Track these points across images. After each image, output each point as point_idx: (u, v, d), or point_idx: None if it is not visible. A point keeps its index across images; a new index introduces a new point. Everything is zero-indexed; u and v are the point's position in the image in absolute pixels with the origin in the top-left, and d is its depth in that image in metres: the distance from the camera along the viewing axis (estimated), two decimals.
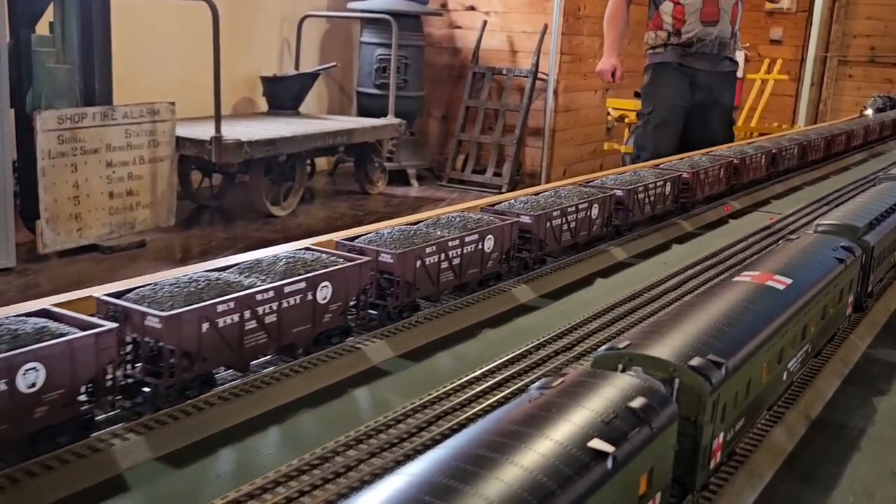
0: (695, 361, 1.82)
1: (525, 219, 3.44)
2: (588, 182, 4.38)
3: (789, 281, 2.48)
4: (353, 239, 2.91)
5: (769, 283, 2.43)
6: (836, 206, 5.28)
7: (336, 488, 1.89)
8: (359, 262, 2.64)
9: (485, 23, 12.84)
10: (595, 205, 3.88)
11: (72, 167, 7.63)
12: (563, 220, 3.63)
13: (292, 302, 2.42)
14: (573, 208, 3.69)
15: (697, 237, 4.66)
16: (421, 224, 3.18)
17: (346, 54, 12.85)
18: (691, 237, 4.64)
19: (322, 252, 2.71)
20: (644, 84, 8.34)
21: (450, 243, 2.96)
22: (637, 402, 1.58)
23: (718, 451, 1.93)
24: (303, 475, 1.94)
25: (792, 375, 2.47)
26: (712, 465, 1.93)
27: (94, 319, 2.09)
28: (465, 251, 3.03)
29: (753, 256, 4.09)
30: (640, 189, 4.29)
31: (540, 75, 12.56)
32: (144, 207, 8.43)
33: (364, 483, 1.92)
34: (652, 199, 4.40)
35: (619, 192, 4.13)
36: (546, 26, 12.41)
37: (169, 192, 8.59)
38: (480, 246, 3.12)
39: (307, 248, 2.75)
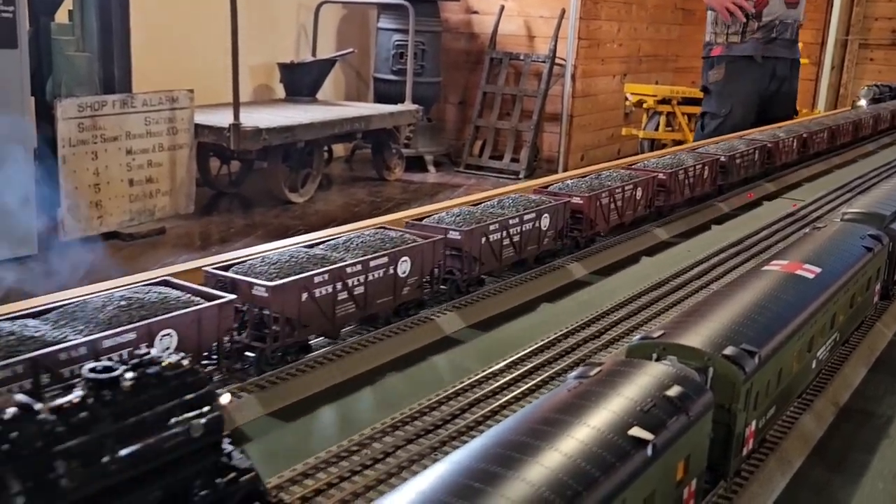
0: (728, 350, 1.83)
1: (577, 199, 3.69)
2: (631, 165, 4.63)
3: (818, 270, 2.48)
4: (420, 219, 3.20)
5: (798, 272, 2.44)
6: (860, 193, 5.26)
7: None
8: (433, 239, 2.90)
9: (502, 8, 12.78)
10: (639, 187, 4.11)
11: (92, 155, 7.69)
12: (611, 201, 3.87)
13: (377, 275, 2.67)
14: (619, 190, 3.93)
15: (733, 218, 4.87)
16: (483, 204, 3.42)
17: (363, 40, 12.83)
18: (728, 218, 4.88)
19: (395, 230, 3.00)
20: (714, 78, 7.58)
21: (511, 221, 3.21)
22: (673, 391, 1.60)
23: (751, 438, 1.95)
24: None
25: (821, 364, 2.47)
26: (745, 452, 1.94)
27: (213, 290, 2.31)
28: (524, 228, 3.29)
29: (781, 240, 4.19)
30: (681, 172, 4.53)
31: (557, 60, 12.50)
32: (164, 195, 8.49)
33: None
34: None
35: (661, 175, 4.38)
36: (563, 11, 12.34)
37: (188, 180, 8.63)
38: (538, 224, 3.40)
39: (382, 227, 3.02)
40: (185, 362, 1.50)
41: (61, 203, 7.52)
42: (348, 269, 2.57)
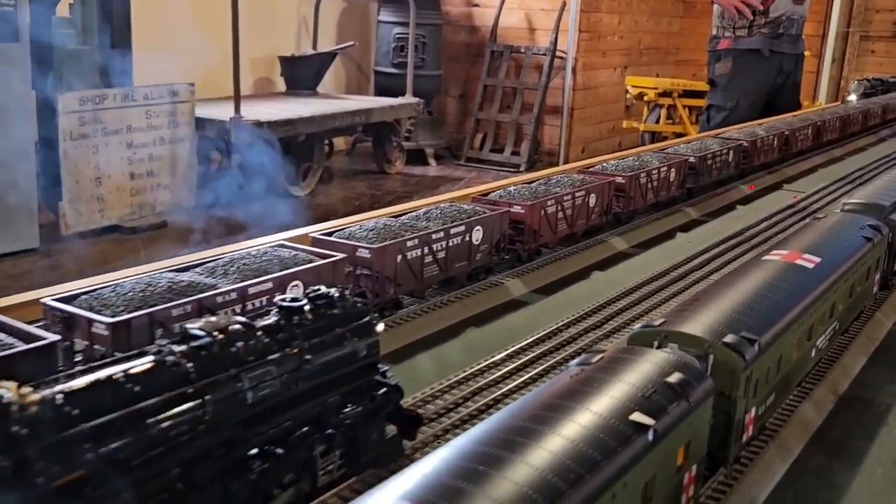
0: (729, 338, 1.85)
1: (619, 179, 4.15)
2: (663, 149, 5.14)
3: (818, 259, 2.50)
4: (485, 194, 3.67)
5: (798, 261, 2.45)
6: (861, 184, 5.27)
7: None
8: (499, 211, 3.34)
9: (503, 0, 12.77)
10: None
11: (93, 148, 7.70)
12: (648, 180, 4.18)
13: (456, 242, 3.09)
14: (655, 171, 4.27)
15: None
16: (538, 182, 3.88)
17: (363, 33, 12.82)
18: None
19: (465, 204, 3.39)
20: (720, 72, 7.56)
21: (565, 198, 3.70)
22: (674, 378, 1.62)
23: (751, 425, 1.97)
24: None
25: (820, 352, 2.49)
26: (744, 438, 1.96)
27: (325, 251, 2.69)
28: (575, 204, 3.77)
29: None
30: (709, 156, 5.01)
31: (558, 53, 12.49)
32: (165, 188, 8.50)
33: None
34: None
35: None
36: (564, 3, 12.32)
37: (189, 173, 8.64)
38: (586, 200, 3.85)
39: (451, 202, 3.44)
40: (353, 298, 1.91)
41: (63, 197, 7.54)
42: (433, 236, 2.99)
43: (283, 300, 1.82)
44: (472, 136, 12.91)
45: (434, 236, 3.01)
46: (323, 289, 1.90)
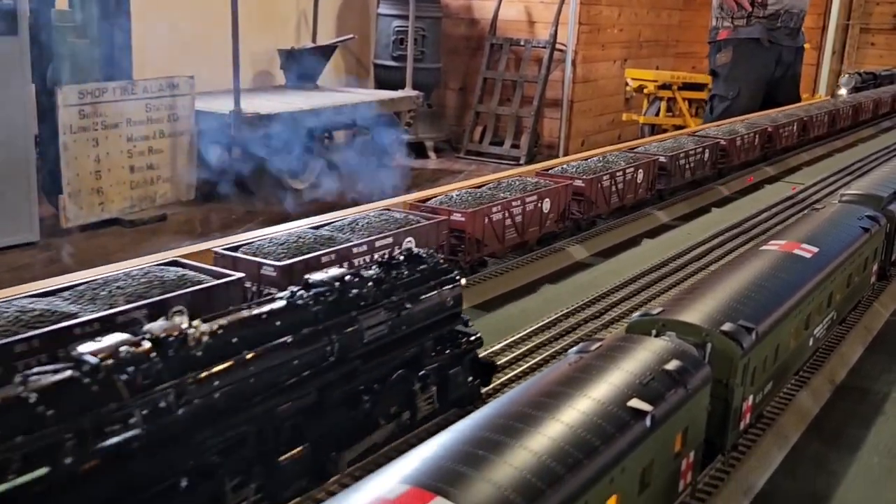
0: (726, 327, 1.87)
1: (662, 159, 4.65)
2: (694, 133, 5.68)
3: (815, 249, 2.51)
4: (547, 170, 4.19)
5: (796, 251, 2.47)
6: (859, 175, 5.28)
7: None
8: (564, 183, 3.86)
9: None
10: (707, 149, 5.11)
11: (93, 142, 7.70)
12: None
13: (529, 209, 3.59)
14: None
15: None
16: (593, 159, 4.44)
17: (363, 26, 12.80)
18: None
19: (532, 178, 3.89)
20: (721, 62, 7.55)
21: (617, 174, 4.23)
22: (672, 365, 1.63)
23: (748, 413, 1.98)
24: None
25: (818, 341, 2.51)
26: (742, 426, 1.98)
27: (426, 213, 3.24)
28: (626, 178, 4.31)
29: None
30: (738, 139, 5.49)
31: (558, 46, 12.48)
32: (165, 181, 8.51)
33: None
34: (746, 146, 5.64)
35: (722, 142, 5.32)
36: None
37: (189, 166, 8.65)
38: (634, 176, 4.45)
39: (519, 177, 3.91)
40: (439, 256, 2.32)
41: (63, 190, 7.54)
42: (513, 203, 3.48)
43: (382, 257, 2.28)
44: (471, 128, 12.90)
45: (514, 203, 3.52)
46: (414, 249, 2.34)
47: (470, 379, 2.28)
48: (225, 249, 2.62)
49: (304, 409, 1.83)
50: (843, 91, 9.06)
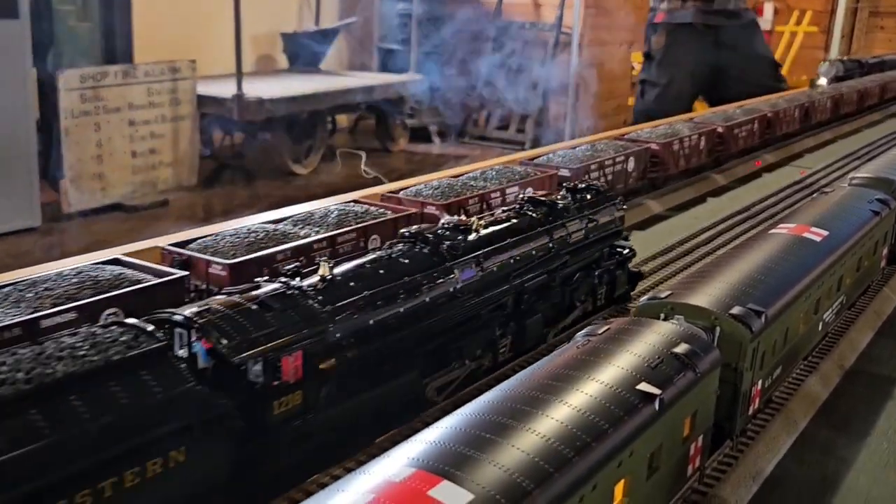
0: (736, 310, 1.84)
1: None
2: (623, 136, 5.72)
3: (825, 233, 2.47)
4: (623, 136, 5.16)
5: (806, 234, 2.43)
6: (869, 159, 5.22)
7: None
8: (644, 146, 5.17)
9: None
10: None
11: (94, 126, 7.67)
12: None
13: (618, 168, 5.10)
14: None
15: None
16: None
17: (366, 9, 12.71)
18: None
19: (616, 141, 5.20)
20: (655, 47, 7.54)
21: (684, 139, 5.52)
22: (681, 348, 1.60)
23: (757, 397, 1.95)
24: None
25: (827, 326, 2.48)
26: (751, 411, 1.95)
27: (540, 168, 4.50)
28: (691, 143, 5.43)
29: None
30: (743, 123, 6.10)
31: (564, 29, 12.38)
32: (167, 166, 8.47)
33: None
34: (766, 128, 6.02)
35: (719, 129, 5.80)
36: None
37: (191, 151, 8.61)
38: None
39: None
40: (603, 186, 4.09)
41: (64, 175, 7.52)
42: (606, 162, 5.10)
43: (568, 185, 4.02)
44: (476, 113, 12.83)
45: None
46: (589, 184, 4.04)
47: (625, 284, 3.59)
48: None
49: (538, 287, 3.13)
50: (822, 81, 8.51)
